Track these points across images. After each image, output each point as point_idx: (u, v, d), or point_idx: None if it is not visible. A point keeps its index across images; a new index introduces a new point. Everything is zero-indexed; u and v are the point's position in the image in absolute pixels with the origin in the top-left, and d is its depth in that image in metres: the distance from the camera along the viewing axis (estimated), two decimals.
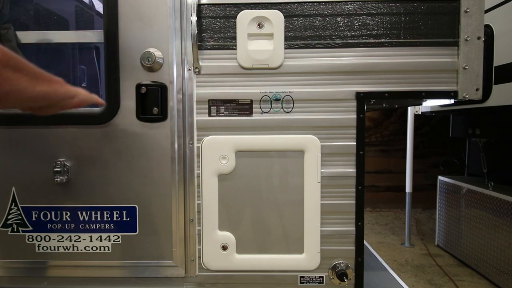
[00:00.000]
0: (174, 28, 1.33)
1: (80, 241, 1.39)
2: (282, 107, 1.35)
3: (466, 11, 1.30)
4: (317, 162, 1.34)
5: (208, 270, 1.38)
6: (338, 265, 1.37)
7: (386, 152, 5.11)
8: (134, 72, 1.34)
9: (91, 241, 1.38)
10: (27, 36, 1.45)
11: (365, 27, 1.33)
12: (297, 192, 1.36)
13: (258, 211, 1.37)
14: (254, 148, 1.35)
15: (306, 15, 1.32)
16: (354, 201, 1.36)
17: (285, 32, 1.33)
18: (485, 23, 1.34)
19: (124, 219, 1.37)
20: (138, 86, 1.33)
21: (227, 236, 1.37)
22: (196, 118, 1.35)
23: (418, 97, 1.34)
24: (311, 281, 1.38)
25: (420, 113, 3.69)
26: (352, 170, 1.36)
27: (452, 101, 1.43)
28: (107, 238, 1.38)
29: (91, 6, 1.98)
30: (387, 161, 5.10)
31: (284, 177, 1.36)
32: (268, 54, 1.32)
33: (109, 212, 1.37)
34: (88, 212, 1.38)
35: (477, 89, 1.32)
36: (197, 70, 1.34)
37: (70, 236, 1.39)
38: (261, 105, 1.35)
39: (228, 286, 1.39)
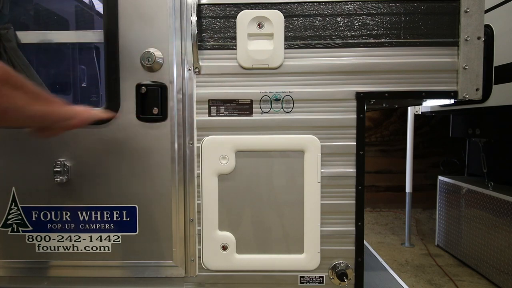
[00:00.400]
0: (174, 28, 1.33)
1: (80, 241, 1.39)
2: (282, 107, 1.35)
3: (466, 11, 1.30)
4: (317, 162, 1.34)
5: (208, 270, 1.38)
6: (338, 265, 1.37)
7: (386, 152, 5.11)
8: (134, 72, 1.34)
9: (91, 241, 1.38)
10: (27, 36, 1.44)
11: (365, 27, 1.33)
12: (297, 192, 1.36)
13: (258, 211, 1.37)
14: (254, 148, 1.35)
15: (306, 15, 1.32)
16: (354, 201, 1.36)
17: (285, 32, 1.33)
18: (485, 23, 1.34)
19: (124, 219, 1.37)
20: (138, 86, 1.33)
21: (227, 236, 1.37)
22: (196, 118, 1.35)
23: (418, 97, 1.34)
24: (311, 281, 1.38)
25: (420, 113, 3.69)
26: (352, 170, 1.36)
27: (452, 101, 1.43)
28: (107, 238, 1.38)
29: (91, 6, 1.98)
30: (387, 161, 5.10)
31: (284, 177, 1.36)
32: (268, 54, 1.32)
33: (109, 212, 1.37)
34: (88, 212, 1.38)
35: (477, 89, 1.32)
36: (197, 70, 1.34)
37: (70, 236, 1.39)
38: (261, 105, 1.35)
39: (228, 286, 1.39)
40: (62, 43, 1.61)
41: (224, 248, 1.37)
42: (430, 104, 3.36)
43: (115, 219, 1.37)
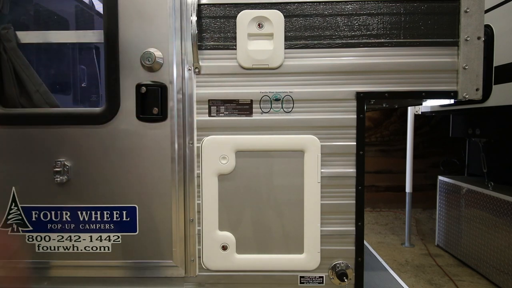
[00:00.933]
0: (174, 28, 1.33)
1: (80, 241, 1.38)
2: (282, 107, 1.35)
3: (466, 11, 1.30)
4: (317, 162, 1.34)
5: (208, 270, 1.38)
6: (338, 265, 1.37)
7: (386, 152, 5.11)
8: (134, 72, 1.34)
9: (91, 241, 1.38)
10: (27, 36, 1.44)
11: (365, 27, 1.33)
12: (297, 192, 1.36)
13: (258, 211, 1.37)
14: (254, 148, 1.35)
15: (306, 15, 1.32)
16: (354, 201, 1.36)
17: (285, 32, 1.33)
18: (485, 23, 1.34)
19: (124, 219, 1.37)
20: (138, 86, 1.33)
21: (227, 236, 1.37)
22: (196, 118, 1.35)
23: (418, 97, 1.34)
24: (311, 281, 1.38)
25: (420, 113, 3.68)
26: (352, 170, 1.36)
27: (452, 101, 1.43)
28: (107, 238, 1.38)
29: (91, 6, 1.98)
30: (387, 161, 5.10)
31: (284, 177, 1.36)
32: (268, 54, 1.32)
33: (109, 212, 1.37)
34: (88, 212, 1.37)
35: (477, 89, 1.32)
36: (197, 70, 1.34)
37: (70, 236, 1.38)
38: (261, 105, 1.35)
39: (228, 286, 1.39)
40: (62, 43, 1.61)
41: (224, 248, 1.37)
42: (430, 104, 3.36)
43: (115, 219, 1.37)
